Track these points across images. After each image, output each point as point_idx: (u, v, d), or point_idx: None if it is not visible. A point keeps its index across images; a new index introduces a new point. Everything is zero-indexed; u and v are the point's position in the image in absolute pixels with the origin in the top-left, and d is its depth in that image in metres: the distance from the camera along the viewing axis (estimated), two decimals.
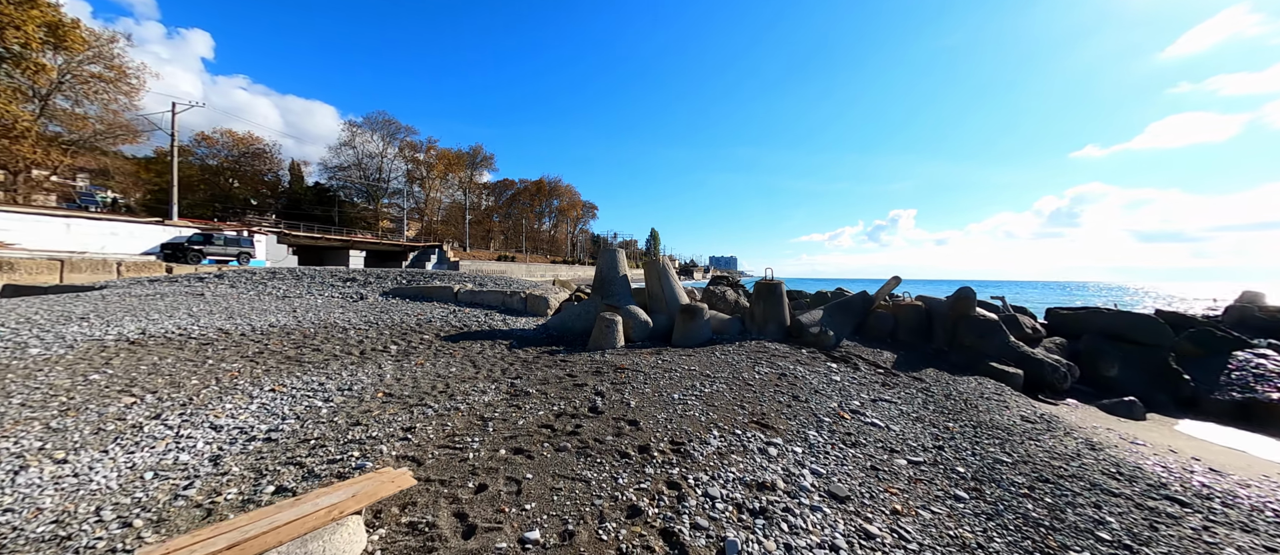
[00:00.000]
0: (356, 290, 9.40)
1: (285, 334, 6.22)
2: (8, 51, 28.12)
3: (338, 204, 59.14)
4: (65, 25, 29.37)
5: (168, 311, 7.22)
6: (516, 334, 7.09)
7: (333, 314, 7.54)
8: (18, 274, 14.84)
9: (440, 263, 49.69)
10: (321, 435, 3.15)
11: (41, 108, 31.17)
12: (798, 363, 5.48)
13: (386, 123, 62.13)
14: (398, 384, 4.49)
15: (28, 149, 29.33)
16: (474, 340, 6.53)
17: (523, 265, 60.83)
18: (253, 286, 9.43)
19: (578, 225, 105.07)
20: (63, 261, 15.90)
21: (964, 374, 5.96)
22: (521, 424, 3.28)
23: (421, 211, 68.44)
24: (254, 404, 3.83)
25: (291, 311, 7.54)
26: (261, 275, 9.61)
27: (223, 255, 21.54)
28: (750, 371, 4.89)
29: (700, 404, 3.72)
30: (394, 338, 6.40)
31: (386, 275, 10.54)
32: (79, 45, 30.50)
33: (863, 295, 7.83)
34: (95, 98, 33.66)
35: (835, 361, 5.80)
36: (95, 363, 4.64)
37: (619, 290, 7.75)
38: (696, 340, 6.77)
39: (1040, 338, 7.59)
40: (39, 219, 22.21)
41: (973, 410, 4.42)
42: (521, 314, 8.56)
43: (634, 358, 5.52)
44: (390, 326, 7.00)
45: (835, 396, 4.29)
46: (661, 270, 7.90)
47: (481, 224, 78.36)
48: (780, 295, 7.42)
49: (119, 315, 6.72)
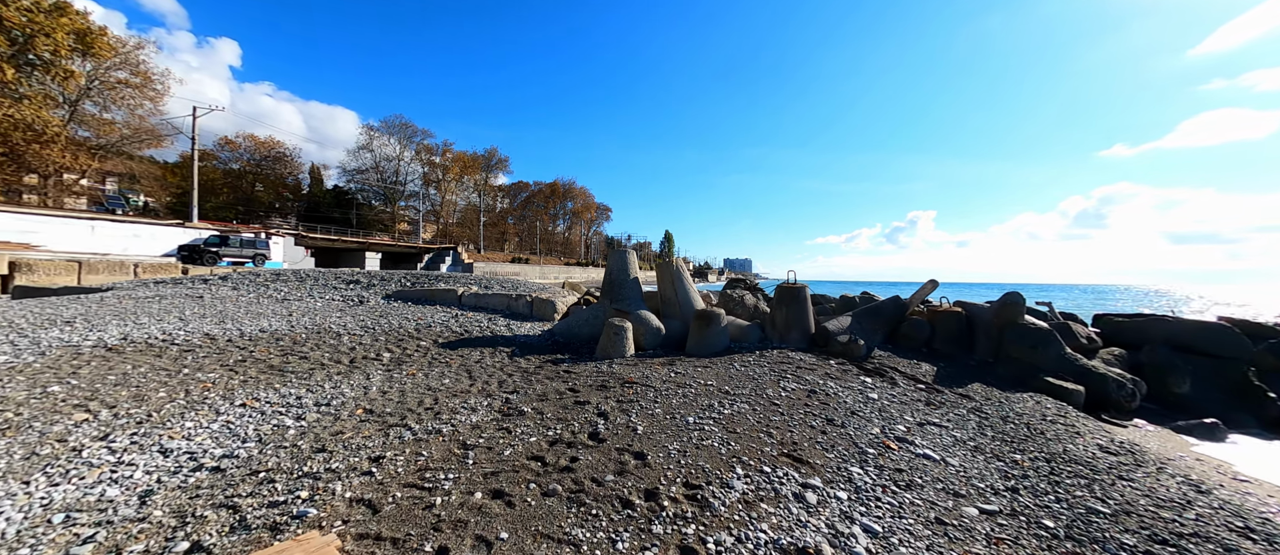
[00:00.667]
0: (358, 293, 9.07)
1: (274, 340, 5.86)
2: (38, 58, 28.95)
3: (356, 207, 59.95)
4: (93, 32, 30.14)
5: (160, 315, 6.95)
6: (520, 340, 6.64)
7: (329, 318, 7.19)
8: (36, 275, 15.00)
9: (455, 265, 49.90)
10: (276, 465, 2.70)
11: (71, 113, 32.07)
12: (827, 376, 4.89)
13: (403, 126, 62.86)
14: (382, 398, 4.05)
15: (57, 153, 30.13)
16: (473, 347, 6.08)
17: (536, 267, 60.83)
18: (254, 288, 9.18)
19: (592, 227, 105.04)
20: (81, 263, 16.05)
21: (1014, 390, 5.29)
22: (508, 454, 2.78)
23: (437, 214, 69.03)
24: (218, 422, 3.42)
25: (287, 315, 7.22)
26: (265, 277, 9.37)
27: (239, 257, 21.68)
28: (775, 387, 4.33)
29: (720, 430, 3.18)
30: (389, 344, 6.00)
31: (390, 277, 10.22)
32: (106, 52, 31.30)
33: (895, 300, 7.18)
34: (122, 103, 34.53)
35: (868, 375, 5.19)
36: (62, 372, 4.31)
37: (630, 294, 7.24)
38: (713, 349, 6.22)
39: (1097, 348, 6.84)
40: (65, 221, 22.68)
41: (1038, 437, 3.78)
42: (527, 319, 8.11)
43: (644, 369, 5.00)
44: (387, 332, 6.60)
45: (876, 419, 3.71)
46: (675, 273, 7.37)
47: (496, 226, 78.75)
48: (804, 300, 6.83)
49: (109, 319, 6.46)
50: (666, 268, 7.44)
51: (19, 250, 19.99)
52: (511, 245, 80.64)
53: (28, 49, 27.74)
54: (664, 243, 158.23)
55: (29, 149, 28.87)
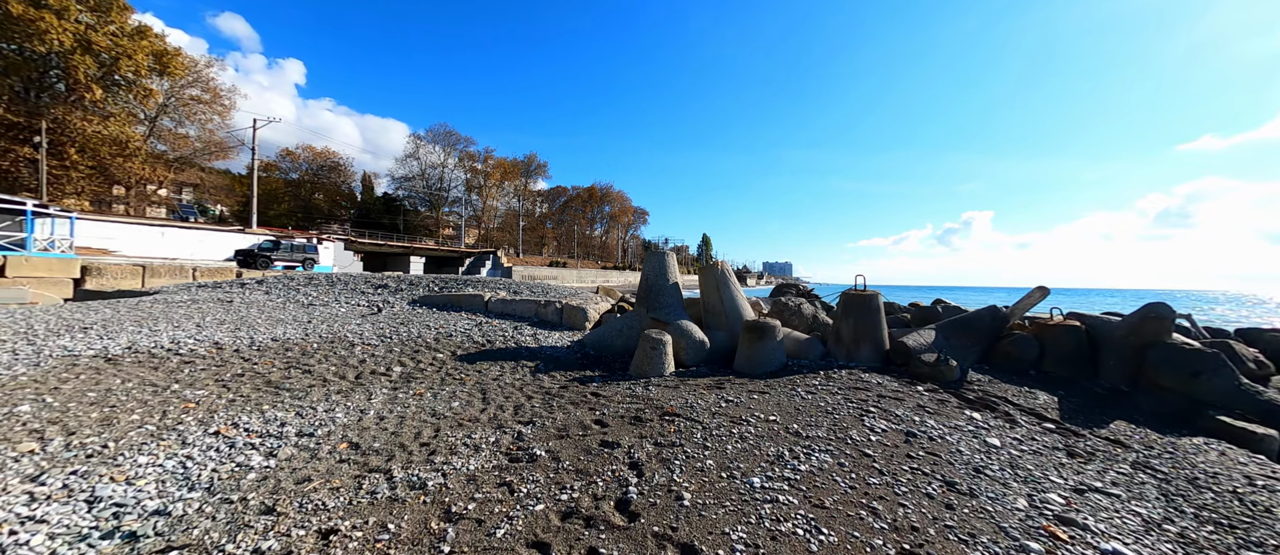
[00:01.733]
0: (384, 298, 8.72)
1: (283, 350, 5.42)
2: (123, 79, 31.47)
3: (403, 213, 62.31)
4: (169, 53, 32.45)
5: (180, 321, 6.74)
6: (546, 353, 5.92)
7: (348, 325, 6.75)
8: (105, 279, 15.87)
9: (494, 269, 50.70)
10: (202, 535, 2.03)
11: (150, 129, 34.73)
12: (920, 409, 3.85)
13: (447, 134, 64.87)
14: (377, 426, 3.39)
15: (138, 166, 32.60)
16: (494, 361, 5.41)
17: (573, 271, 61.02)
18: (285, 293, 9.02)
19: (629, 231, 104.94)
20: (144, 267, 16.90)
21: (1173, 432, 4.04)
22: (502, 535, 2.00)
23: (479, 219, 70.76)
24: (178, 457, 2.85)
25: (306, 322, 6.87)
26: (298, 281, 9.18)
27: (290, 261, 22.46)
28: (859, 426, 3.35)
29: (799, 501, 2.27)
30: (403, 356, 5.42)
31: (419, 282, 9.83)
32: (181, 71, 33.66)
33: (991, 311, 5.95)
34: (195, 118, 37.12)
35: (974, 408, 4.09)
36: (45, 386, 3.93)
37: (668, 301, 6.39)
38: (767, 366, 5.27)
39: (1269, 374, 5.36)
40: (139, 228, 24.27)
41: (1267, 517, 2.62)
42: (556, 327, 7.42)
43: (687, 394, 4.13)
44: (403, 342, 6.06)
45: (1013, 482, 2.68)
46: (720, 278, 6.45)
47: (535, 230, 79.93)
48: (876, 310, 5.75)
49: (128, 325, 6.28)
50: (710, 272, 6.54)
51: (98, 255, 21.53)
52: (550, 249, 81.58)
53: (113, 70, 30.23)
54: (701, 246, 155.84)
55: (114, 162, 31.43)
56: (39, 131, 26.70)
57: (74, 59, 27.65)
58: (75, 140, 29.27)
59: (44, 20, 26.17)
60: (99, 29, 28.89)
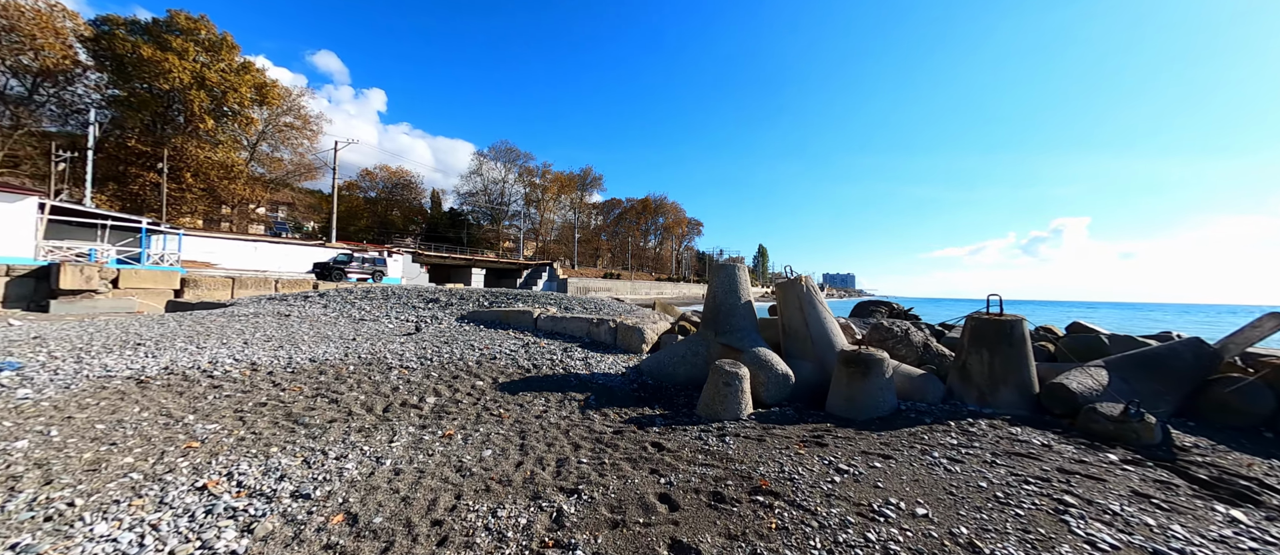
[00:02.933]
0: (433, 313, 8.37)
1: (317, 372, 5.00)
2: (231, 110, 35.22)
3: (466, 227, 65.26)
4: (268, 85, 35.95)
5: (230, 337, 6.65)
6: (598, 383, 5.11)
7: (391, 344, 6.33)
8: (201, 290, 17.19)
9: (550, 281, 51.51)
10: None
11: (251, 153, 38.58)
12: (1143, 500, 2.59)
13: (508, 150, 67.50)
14: (387, 488, 2.69)
15: (240, 187, 36.19)
16: (538, 392, 4.67)
17: (627, 283, 60.81)
18: (340, 307, 8.96)
19: (683, 242, 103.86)
20: (234, 280, 18.20)
21: None
22: None
23: (536, 232, 72.77)
24: (143, 526, 2.28)
25: (351, 339, 6.55)
26: (356, 295, 9.11)
27: (361, 273, 23.62)
28: (1066, 535, 2.19)
29: None
30: (439, 384, 4.82)
31: (470, 296, 9.46)
32: (277, 100, 37.18)
33: (1194, 346, 4.40)
34: (288, 143, 40.86)
35: (1217, 495, 2.75)
36: (61, 415, 3.63)
37: (740, 324, 5.38)
38: (873, 410, 4.12)
39: None
40: (236, 243, 26.61)
41: None
42: (610, 350, 6.62)
43: (778, 452, 3.12)
44: (443, 365, 5.49)
45: None
46: (804, 296, 5.36)
47: (590, 243, 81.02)
48: (1021, 340, 4.41)
49: (180, 340, 6.22)
50: (792, 288, 5.46)
51: (202, 267, 23.76)
52: (604, 261, 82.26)
53: (222, 102, 33.97)
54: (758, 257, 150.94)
55: (221, 185, 35.15)
56: (162, 159, 30.33)
57: (191, 94, 31.31)
58: (191, 166, 33.05)
59: (169, 61, 29.86)
60: (212, 66, 32.61)
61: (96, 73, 30.60)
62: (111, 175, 31.16)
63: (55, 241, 16.84)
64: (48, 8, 27.77)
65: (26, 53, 27.27)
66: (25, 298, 13.62)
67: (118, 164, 30.96)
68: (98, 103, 30.71)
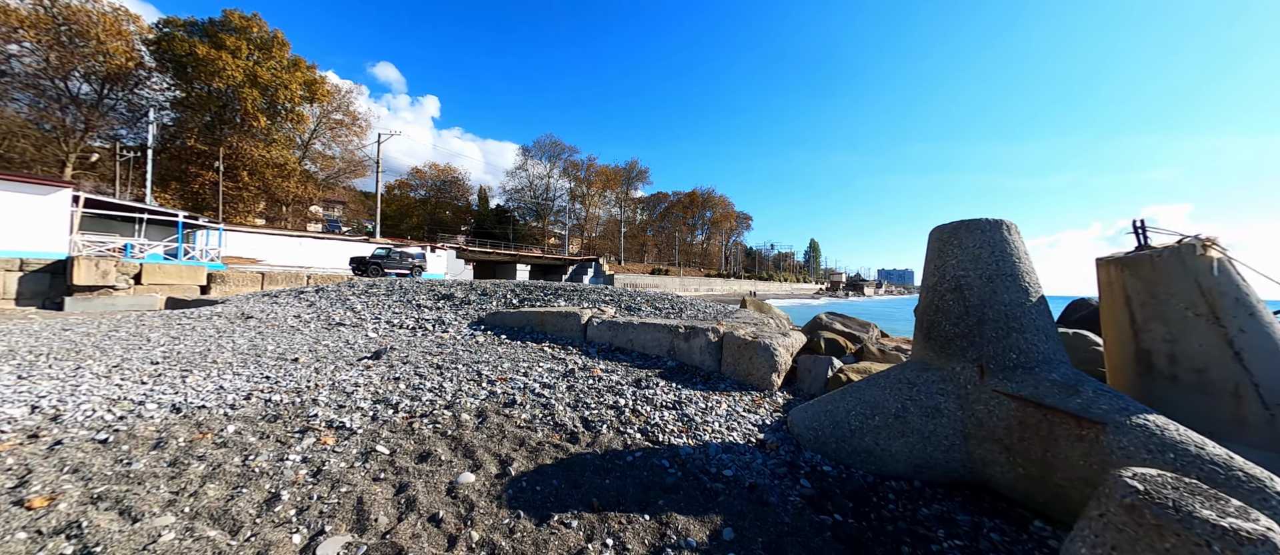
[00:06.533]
0: (444, 314, 5.94)
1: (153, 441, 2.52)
2: (283, 107, 35.42)
3: (512, 223, 64.68)
4: (317, 81, 35.87)
5: (129, 353, 4.41)
6: (723, 480, 2.32)
7: (349, 371, 3.82)
8: (228, 286, 16.01)
9: (597, 276, 49.47)
10: None
11: (303, 152, 38.89)
12: None
13: (553, 145, 66.22)
14: None
15: (293, 185, 36.39)
16: (599, 514, 1.94)
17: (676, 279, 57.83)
18: (331, 304, 6.75)
19: (731, 237, 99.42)
20: (263, 275, 16.96)
21: None
22: None
23: (582, 227, 71.26)
24: None
25: (292, 359, 4.12)
26: (356, 289, 6.97)
27: (399, 269, 22.19)
28: None
29: None
30: (383, 476, 2.20)
31: (494, 292, 6.96)
32: (326, 97, 37.08)
33: None
34: (338, 141, 41.01)
35: None
36: None
37: (1037, 345, 2.40)
38: None
39: None
40: (280, 239, 26.06)
41: None
42: (712, 383, 3.82)
43: None
44: (412, 422, 2.87)
45: None
46: (1213, 288, 2.30)
47: (635, 238, 78.58)
48: None
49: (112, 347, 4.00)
50: (1178, 268, 2.42)
51: (247, 263, 23.20)
52: (650, 256, 79.64)
53: (275, 100, 34.13)
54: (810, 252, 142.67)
55: (275, 183, 35.48)
56: (219, 158, 30.64)
57: (244, 91, 31.45)
58: (246, 164, 33.41)
59: (222, 59, 30.00)
60: (263, 64, 32.73)
61: (159, 74, 31.31)
62: (174, 175, 31.87)
63: (92, 236, 16.21)
64: (113, 11, 28.42)
65: (95, 57, 28.01)
66: (41, 294, 12.68)
67: (180, 164, 31.62)
68: (160, 104, 31.43)
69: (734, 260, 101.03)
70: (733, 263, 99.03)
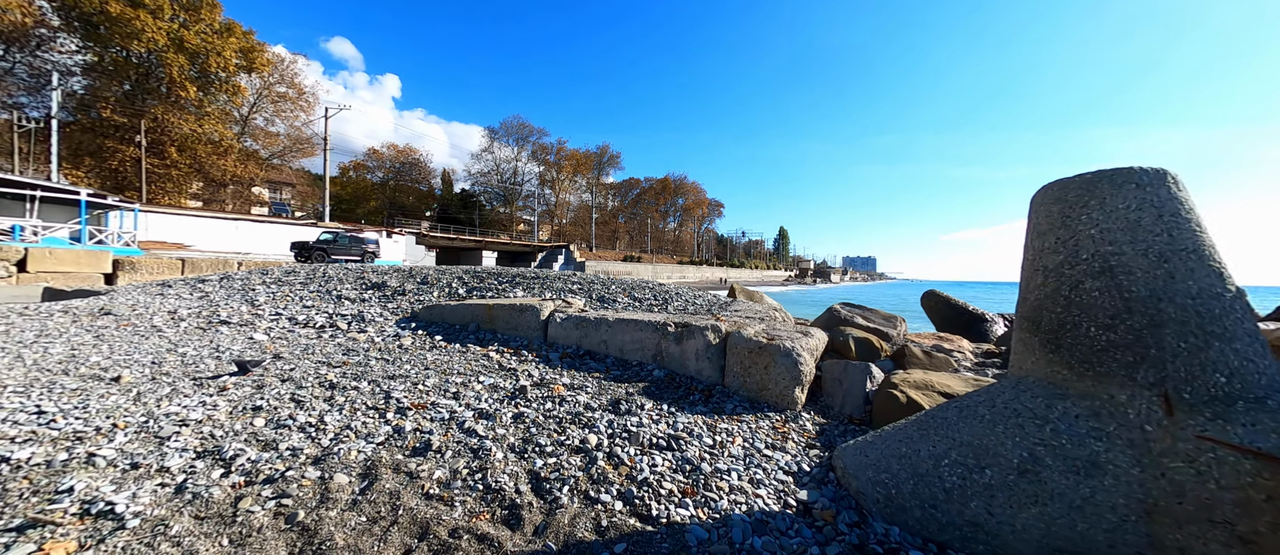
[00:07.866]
0: (365, 310, 4.71)
1: None
2: (216, 76, 32.07)
3: (479, 208, 62.05)
4: (254, 49, 32.59)
5: None
6: None
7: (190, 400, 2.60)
8: (139, 273, 13.98)
9: (567, 263, 47.98)
10: None
11: (242, 127, 35.51)
12: None
13: (521, 126, 63.59)
14: None
15: (231, 164, 33.20)
16: None
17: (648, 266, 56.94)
18: (228, 293, 5.40)
19: (702, 224, 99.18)
20: (184, 261, 14.97)
21: None
22: None
23: (552, 213, 69.14)
24: None
25: (154, 362, 2.88)
26: (272, 276, 5.68)
27: (347, 255, 20.25)
28: None
29: None
30: None
31: (437, 280, 5.76)
32: (265, 66, 33.82)
33: None
34: (282, 116, 37.68)
35: None
36: None
37: (1251, 349, 1.52)
38: None
39: None
40: (214, 222, 23.55)
41: None
42: (714, 398, 2.84)
43: None
44: (248, 496, 1.76)
45: None
46: None
47: (607, 225, 77.00)
48: None
49: None
50: None
51: (172, 249, 20.75)
52: (622, 243, 78.38)
53: (205, 68, 30.75)
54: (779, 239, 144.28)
55: (210, 160, 32.21)
56: (140, 131, 27.36)
57: (168, 57, 28.07)
58: (174, 139, 30.09)
59: (139, 19, 26.58)
60: (190, 27, 29.33)
61: (66, 35, 27.55)
62: (88, 149, 28.35)
63: None
64: None
65: None
66: None
67: (95, 137, 28.12)
68: (68, 69, 27.73)
69: (706, 247, 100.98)
70: (705, 250, 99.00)
